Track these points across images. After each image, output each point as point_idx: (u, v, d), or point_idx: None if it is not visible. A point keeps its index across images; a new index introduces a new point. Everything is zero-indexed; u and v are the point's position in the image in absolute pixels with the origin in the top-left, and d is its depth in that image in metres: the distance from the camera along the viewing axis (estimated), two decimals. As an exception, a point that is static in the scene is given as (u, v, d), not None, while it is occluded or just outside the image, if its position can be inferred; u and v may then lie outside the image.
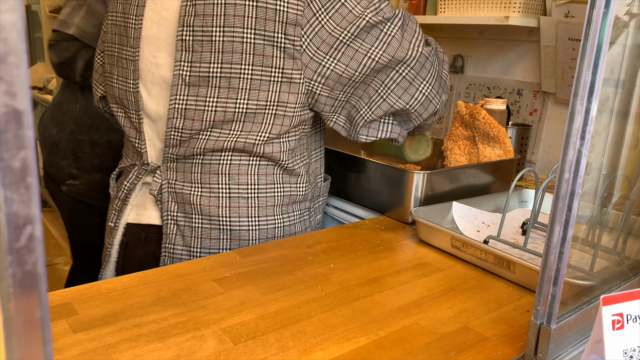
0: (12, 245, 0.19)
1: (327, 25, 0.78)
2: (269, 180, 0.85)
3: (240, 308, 0.63)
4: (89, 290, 0.65)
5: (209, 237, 0.85)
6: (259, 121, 0.81)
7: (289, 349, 0.55)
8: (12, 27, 0.17)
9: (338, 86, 0.82)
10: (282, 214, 0.88)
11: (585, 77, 0.47)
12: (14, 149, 0.18)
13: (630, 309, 0.47)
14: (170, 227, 0.86)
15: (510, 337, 0.60)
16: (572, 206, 0.50)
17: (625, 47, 0.86)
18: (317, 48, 0.78)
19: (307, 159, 0.91)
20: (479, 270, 0.78)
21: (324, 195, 1.01)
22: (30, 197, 0.19)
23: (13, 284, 0.19)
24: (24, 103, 0.18)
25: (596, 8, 0.45)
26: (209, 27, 0.77)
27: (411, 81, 0.85)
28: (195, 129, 0.81)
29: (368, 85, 0.84)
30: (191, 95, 0.80)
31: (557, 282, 0.51)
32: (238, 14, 0.76)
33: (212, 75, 0.78)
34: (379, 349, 0.56)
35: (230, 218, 0.84)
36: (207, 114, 0.80)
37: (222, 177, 0.83)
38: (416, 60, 0.84)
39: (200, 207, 0.84)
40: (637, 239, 0.82)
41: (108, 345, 0.54)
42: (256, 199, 0.85)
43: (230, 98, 0.79)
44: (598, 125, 0.92)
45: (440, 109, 0.92)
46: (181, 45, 0.79)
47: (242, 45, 0.77)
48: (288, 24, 0.76)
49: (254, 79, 0.78)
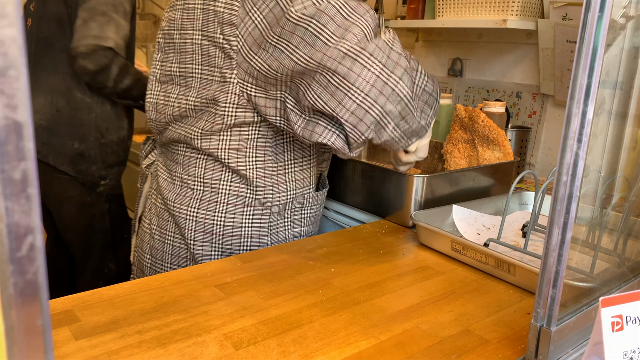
0: (14, 255, 0.19)
1: (259, 25, 0.76)
2: (215, 176, 0.88)
3: (241, 313, 0.63)
4: (91, 297, 0.65)
5: (162, 217, 0.93)
6: (199, 117, 0.85)
7: (290, 354, 0.55)
8: (12, 42, 0.17)
9: (270, 87, 0.79)
10: (226, 213, 0.88)
11: (581, 80, 0.47)
12: (14, 160, 0.18)
13: (629, 310, 0.47)
14: (148, 203, 0.98)
15: (511, 339, 0.60)
16: (570, 209, 0.50)
17: (623, 50, 0.86)
18: (249, 48, 0.78)
19: (268, 164, 0.88)
20: (479, 273, 0.78)
21: (311, 206, 0.96)
22: (31, 208, 0.19)
23: (14, 293, 0.19)
24: (24, 115, 0.18)
25: (591, 11, 0.46)
26: (172, 31, 0.87)
27: (338, 86, 0.74)
28: (162, 121, 0.90)
29: (298, 87, 0.77)
30: (161, 92, 0.90)
31: (556, 285, 0.52)
32: (190, 17, 0.83)
33: (174, 74, 0.88)
34: (380, 353, 0.56)
35: (174, 203, 0.90)
36: (169, 108, 0.89)
37: (178, 166, 0.91)
38: (342, 61, 0.73)
39: (161, 190, 0.93)
40: (637, 240, 0.82)
41: (110, 352, 0.54)
42: (201, 191, 0.89)
43: (184, 95, 0.86)
44: (596, 128, 0.92)
45: (383, 121, 0.77)
46: (157, 47, 0.91)
47: (193, 46, 0.84)
48: (224, 24, 0.79)
49: (202, 77, 0.84)
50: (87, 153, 1.56)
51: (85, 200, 1.60)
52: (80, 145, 1.55)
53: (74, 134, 1.55)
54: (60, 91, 1.53)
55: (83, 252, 1.67)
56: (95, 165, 1.58)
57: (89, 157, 1.56)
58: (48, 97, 1.52)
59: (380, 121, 0.76)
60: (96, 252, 1.66)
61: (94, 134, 1.56)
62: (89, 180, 1.58)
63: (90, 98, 1.54)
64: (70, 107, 1.53)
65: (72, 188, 1.58)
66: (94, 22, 1.44)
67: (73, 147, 1.55)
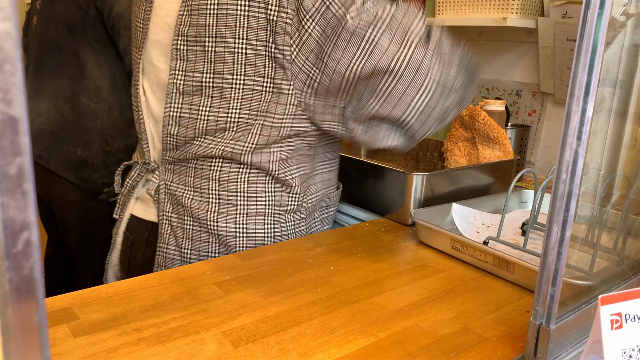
0: (9, 251, 0.19)
1: (313, 33, 0.74)
2: (260, 189, 0.84)
3: (240, 311, 0.63)
4: (90, 294, 0.65)
5: (198, 240, 0.85)
6: (247, 131, 0.80)
7: (289, 352, 0.55)
8: (7, 36, 0.17)
9: (330, 96, 0.79)
10: (274, 224, 0.86)
11: (581, 78, 0.47)
12: (10, 155, 0.18)
13: (628, 308, 0.47)
14: (164, 227, 0.87)
15: (510, 337, 0.60)
16: (569, 206, 0.50)
17: (623, 47, 0.86)
18: (305, 59, 0.76)
19: (306, 170, 0.89)
20: (478, 271, 0.78)
21: (334, 205, 0.99)
22: (27, 203, 0.19)
23: (10, 289, 0.19)
24: (19, 110, 0.18)
25: (591, 9, 0.46)
26: (202, 38, 0.77)
27: (401, 94, 0.76)
28: (189, 136, 0.82)
29: (360, 94, 0.78)
30: (185, 104, 0.81)
31: (555, 282, 0.51)
32: (229, 24, 0.75)
33: (205, 85, 0.79)
34: (378, 351, 0.56)
35: (218, 223, 0.84)
36: (200, 122, 0.81)
37: (213, 182, 0.84)
38: (405, 69, 0.74)
39: (191, 210, 0.84)
40: (637, 239, 0.82)
41: (109, 350, 0.54)
42: (245, 206, 0.84)
43: (222, 107, 0.79)
44: (596, 125, 0.92)
45: (444, 116, 0.82)
46: (176, 54, 0.80)
47: (234, 55, 0.77)
48: (277, 33, 0.75)
49: (245, 88, 0.78)
50: (90, 160, 1.54)
51: (86, 205, 1.59)
52: (83, 152, 1.52)
53: (78, 140, 1.53)
54: (65, 96, 1.51)
55: (84, 257, 1.66)
56: (99, 173, 1.56)
57: (91, 164, 1.54)
58: (52, 101, 1.51)
59: (442, 116, 0.82)
60: (97, 257, 1.65)
61: (99, 141, 1.54)
62: (91, 188, 1.57)
63: (96, 104, 1.51)
64: (75, 113, 1.52)
65: (73, 193, 1.57)
66: None
67: (76, 154, 1.53)
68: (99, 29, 1.46)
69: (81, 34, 1.47)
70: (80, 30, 1.47)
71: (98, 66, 1.49)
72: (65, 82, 1.50)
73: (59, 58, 1.50)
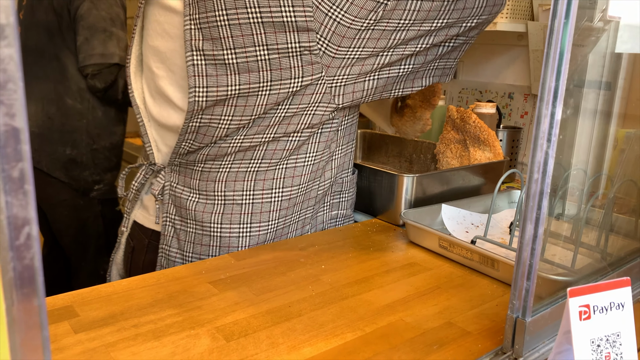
0: (13, 243, 0.22)
1: (343, 21, 0.75)
2: (267, 185, 0.85)
3: (233, 308, 0.66)
4: (90, 293, 0.68)
5: (200, 243, 0.87)
6: (266, 124, 0.81)
7: (279, 345, 0.58)
8: (10, 59, 0.20)
9: (366, 67, 0.81)
10: (279, 219, 0.88)
11: (550, 83, 0.50)
12: (13, 161, 0.21)
13: (596, 300, 0.49)
14: (167, 229, 0.89)
15: (492, 331, 0.63)
16: (542, 204, 0.53)
17: (606, 52, 0.89)
18: (338, 46, 0.77)
19: (324, 157, 0.89)
20: (465, 269, 0.81)
21: (347, 191, 0.99)
22: (28, 202, 0.22)
23: (14, 276, 0.22)
24: (21, 122, 0.21)
25: (557, 19, 0.49)
26: (220, 51, 0.75)
27: (457, 20, 0.82)
28: (205, 142, 0.83)
29: (402, 52, 0.83)
30: (205, 115, 0.80)
31: (530, 277, 0.54)
32: (246, 33, 0.74)
33: (230, 96, 0.78)
34: (364, 344, 0.59)
35: (222, 224, 0.85)
36: (219, 130, 0.81)
37: (218, 184, 0.85)
38: (453, 10, 0.80)
39: (195, 213, 0.86)
40: (619, 236, 0.84)
41: (107, 345, 0.57)
42: (251, 205, 0.85)
43: (245, 114, 0.79)
44: (582, 128, 0.95)
45: None
46: (193, 70, 0.77)
47: (258, 63, 0.76)
48: (300, 31, 0.75)
49: (271, 93, 0.78)
50: (79, 159, 1.60)
51: (77, 204, 1.63)
52: (72, 151, 1.59)
53: (66, 140, 1.58)
54: (50, 98, 1.56)
55: (78, 255, 1.70)
56: (88, 171, 1.62)
57: (80, 162, 1.60)
58: (39, 104, 1.56)
59: None
60: (90, 255, 1.70)
61: (86, 139, 1.60)
62: (82, 186, 1.63)
63: (81, 104, 1.58)
64: (61, 114, 1.57)
65: (65, 192, 1.62)
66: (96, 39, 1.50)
67: (65, 153, 1.58)
68: (73, 32, 1.52)
69: (60, 38, 1.53)
70: (59, 35, 1.53)
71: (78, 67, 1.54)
72: (50, 85, 1.56)
73: (42, 62, 1.56)
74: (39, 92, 1.56)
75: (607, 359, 0.49)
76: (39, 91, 1.56)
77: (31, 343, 0.23)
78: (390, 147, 1.41)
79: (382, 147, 1.43)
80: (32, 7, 1.56)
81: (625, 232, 0.85)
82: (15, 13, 0.20)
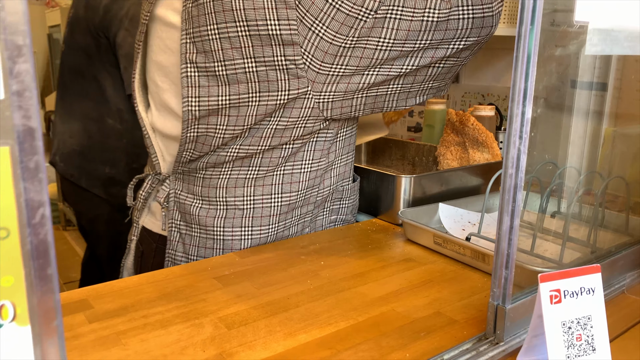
0: (30, 222, 0.27)
1: (325, 36, 0.78)
2: (266, 191, 0.90)
3: (235, 300, 0.70)
4: (103, 288, 0.74)
5: (204, 247, 0.91)
6: (260, 135, 0.85)
7: (276, 333, 0.62)
8: (27, 73, 0.25)
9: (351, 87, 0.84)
10: (279, 222, 0.92)
11: (520, 85, 0.54)
12: (29, 154, 0.26)
13: (567, 285, 0.53)
14: (173, 234, 0.94)
15: (478, 320, 0.67)
16: (516, 197, 0.56)
17: (596, 55, 0.92)
18: (321, 61, 0.79)
19: (321, 165, 0.93)
20: (458, 264, 0.84)
21: (348, 198, 1.02)
22: (42, 188, 0.27)
23: (30, 249, 0.27)
24: (35, 123, 0.26)
25: (524, 25, 0.53)
26: (211, 63, 0.80)
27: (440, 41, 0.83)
28: (204, 151, 0.87)
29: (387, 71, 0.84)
30: (202, 124, 0.85)
31: (508, 266, 0.58)
32: (235, 46, 0.78)
33: (222, 107, 0.82)
34: (356, 331, 0.63)
35: (224, 228, 0.90)
36: (216, 139, 0.85)
37: (220, 190, 0.89)
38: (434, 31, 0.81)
39: (198, 218, 0.91)
40: (608, 231, 0.87)
41: (119, 332, 0.62)
42: (251, 209, 0.90)
43: (238, 124, 0.84)
44: (576, 126, 0.98)
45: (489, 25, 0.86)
46: (187, 81, 0.82)
47: (246, 75, 0.80)
48: (285, 45, 0.78)
49: (260, 104, 0.81)
50: (118, 177, 1.64)
51: (114, 218, 1.68)
52: (111, 170, 1.63)
53: (106, 159, 1.64)
54: (92, 118, 1.62)
55: (111, 265, 1.76)
56: (127, 189, 1.68)
57: (119, 181, 1.64)
58: (81, 123, 1.62)
59: None
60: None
61: (125, 159, 1.64)
62: (120, 202, 1.67)
63: (120, 125, 1.63)
64: (102, 134, 1.63)
65: (103, 207, 1.67)
66: None
67: (104, 172, 1.64)
68: (111, 55, 1.57)
69: (97, 60, 1.59)
70: (97, 57, 1.59)
71: (116, 89, 1.60)
72: (91, 105, 1.61)
73: (82, 82, 1.62)
74: (80, 110, 1.62)
75: (579, 339, 0.53)
76: (80, 110, 1.62)
77: (45, 305, 0.28)
78: (393, 150, 1.45)
79: (386, 150, 1.47)
80: (72, 28, 1.63)
81: (614, 227, 0.88)
82: (29, 36, 0.25)
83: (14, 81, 0.25)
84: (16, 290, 0.27)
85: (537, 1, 0.51)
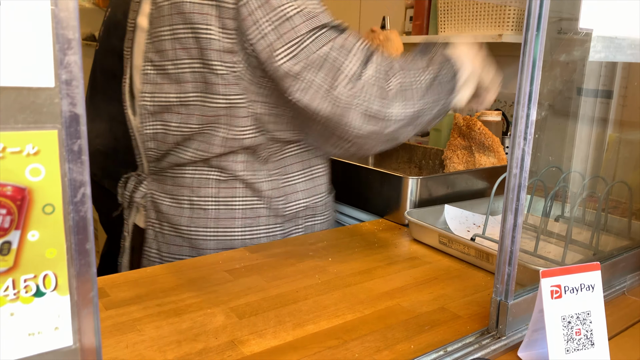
0: (73, 200, 0.29)
1: (253, 55, 0.81)
2: (229, 193, 0.91)
3: (246, 292, 0.73)
4: (119, 278, 0.76)
5: (174, 244, 0.94)
6: (211, 142, 0.87)
7: (285, 323, 0.65)
8: (75, 64, 0.28)
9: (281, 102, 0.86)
10: (245, 227, 0.93)
11: (525, 88, 0.56)
12: (74, 138, 0.29)
13: (567, 281, 0.55)
14: (149, 233, 0.96)
15: (480, 316, 0.69)
16: (520, 197, 0.59)
17: (602, 62, 0.94)
18: (252, 75, 0.83)
19: (277, 177, 0.94)
20: (462, 263, 0.86)
21: (322, 214, 1.02)
22: (84, 169, 0.30)
23: (72, 225, 0.30)
24: (81, 109, 0.29)
25: (530, 31, 0.55)
26: (164, 62, 0.86)
27: None
28: (163, 149, 0.91)
29: None
30: (158, 121, 0.90)
31: (511, 263, 0.60)
32: (184, 47, 0.83)
33: (172, 104, 0.87)
34: (362, 323, 0.65)
35: (190, 227, 0.92)
36: (171, 136, 0.89)
37: (187, 189, 0.92)
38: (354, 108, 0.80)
39: (169, 216, 0.93)
40: (610, 234, 0.89)
41: (134, 319, 0.64)
42: (217, 211, 0.92)
43: (190, 123, 0.87)
44: (581, 132, 1.00)
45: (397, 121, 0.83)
46: (145, 78, 0.89)
47: (193, 75, 0.84)
48: (224, 52, 0.81)
49: (206, 105, 0.85)
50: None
51: None
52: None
53: (130, 161, 1.66)
54: (119, 120, 1.64)
55: None
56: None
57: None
58: (108, 124, 1.64)
59: None
60: None
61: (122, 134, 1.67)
62: None
63: None
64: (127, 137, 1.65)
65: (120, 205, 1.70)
66: None
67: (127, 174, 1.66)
68: None
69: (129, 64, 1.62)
70: None
71: None
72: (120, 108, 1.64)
73: (113, 85, 1.64)
74: (107, 112, 1.64)
75: (577, 334, 0.55)
76: (108, 111, 1.64)
77: (84, 277, 0.31)
78: (400, 153, 1.48)
79: (393, 153, 1.49)
80: (109, 30, 1.66)
81: (617, 231, 0.90)
82: (79, 30, 0.28)
83: (63, 71, 0.28)
84: (58, 262, 0.30)
85: (543, 8, 0.54)
